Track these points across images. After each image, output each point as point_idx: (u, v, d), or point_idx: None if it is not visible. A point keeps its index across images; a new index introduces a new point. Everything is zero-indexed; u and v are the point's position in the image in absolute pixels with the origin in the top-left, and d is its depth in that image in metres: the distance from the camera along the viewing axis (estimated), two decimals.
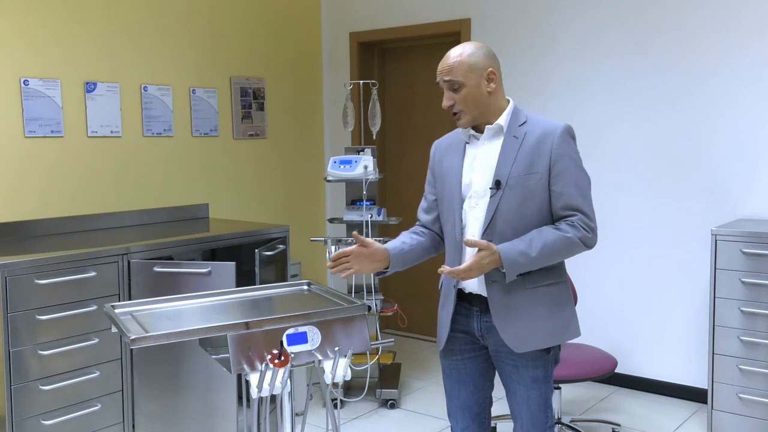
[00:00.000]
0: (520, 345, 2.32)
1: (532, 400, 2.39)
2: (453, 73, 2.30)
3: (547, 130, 2.30)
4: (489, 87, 2.32)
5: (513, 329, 2.32)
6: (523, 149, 2.30)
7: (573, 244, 2.27)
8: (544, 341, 2.34)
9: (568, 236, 2.25)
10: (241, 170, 5.01)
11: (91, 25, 4.12)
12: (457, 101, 2.32)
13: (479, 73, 2.31)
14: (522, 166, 2.28)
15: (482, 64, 2.32)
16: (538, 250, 2.23)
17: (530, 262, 2.24)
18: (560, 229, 2.27)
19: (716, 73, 4.05)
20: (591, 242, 2.30)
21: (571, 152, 2.30)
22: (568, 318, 2.39)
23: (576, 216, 2.27)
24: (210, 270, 3.38)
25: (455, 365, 2.49)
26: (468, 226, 2.36)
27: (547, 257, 2.25)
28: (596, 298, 4.52)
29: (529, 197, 2.28)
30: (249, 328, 2.13)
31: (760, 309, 3.56)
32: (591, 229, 2.29)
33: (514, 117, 2.36)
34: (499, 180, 2.29)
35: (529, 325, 2.32)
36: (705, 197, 4.13)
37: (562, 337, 2.37)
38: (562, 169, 2.27)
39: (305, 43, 5.49)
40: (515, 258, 2.23)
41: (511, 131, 2.33)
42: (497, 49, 4.77)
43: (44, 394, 3.13)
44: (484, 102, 2.33)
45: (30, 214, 3.88)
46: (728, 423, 3.68)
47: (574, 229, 2.26)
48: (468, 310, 2.41)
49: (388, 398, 4.24)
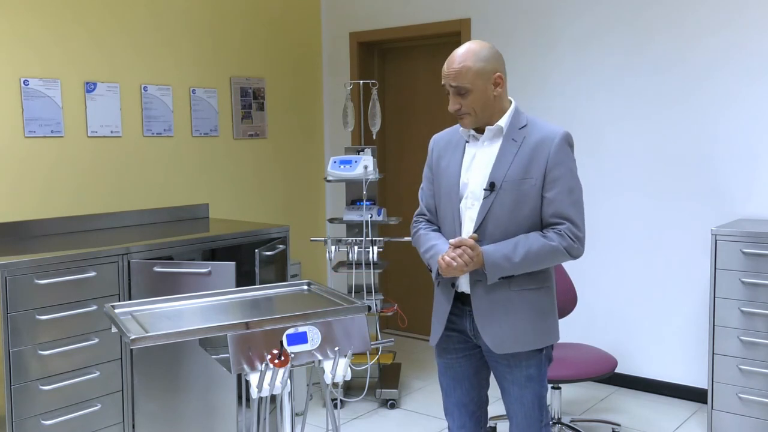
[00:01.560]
0: (499, 346, 2.33)
1: (526, 399, 2.39)
2: (459, 79, 2.29)
3: (545, 136, 2.30)
4: (495, 91, 2.32)
5: (494, 330, 2.33)
6: (521, 153, 2.29)
7: (557, 253, 2.27)
8: (525, 345, 2.34)
9: (553, 245, 2.25)
10: (241, 170, 5.01)
11: (91, 25, 4.11)
12: (464, 106, 2.31)
13: (486, 78, 2.30)
14: (517, 171, 2.28)
15: (489, 69, 2.31)
16: (521, 255, 2.24)
17: (512, 267, 2.25)
18: (547, 237, 2.27)
19: (716, 73, 4.05)
20: (576, 252, 2.29)
21: (567, 160, 2.29)
22: (550, 324, 2.39)
23: (564, 225, 2.27)
24: (210, 270, 3.38)
25: (450, 364, 2.51)
26: (463, 225, 2.36)
27: (530, 263, 2.26)
28: (596, 298, 4.52)
29: (522, 201, 2.28)
30: (249, 328, 2.13)
31: (759, 309, 3.55)
32: (578, 239, 2.27)
33: (515, 119, 2.36)
34: (493, 182, 2.29)
35: (510, 327, 2.32)
36: (705, 197, 4.13)
37: (542, 342, 2.37)
38: (557, 176, 2.27)
39: (305, 43, 5.49)
40: (497, 261, 2.24)
41: (510, 134, 2.33)
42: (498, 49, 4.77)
43: (44, 394, 3.13)
44: (490, 105, 2.33)
45: (30, 214, 3.88)
46: (728, 423, 3.68)
47: (561, 238, 2.26)
48: (461, 310, 2.42)
49: (388, 398, 4.24)
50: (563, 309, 3.71)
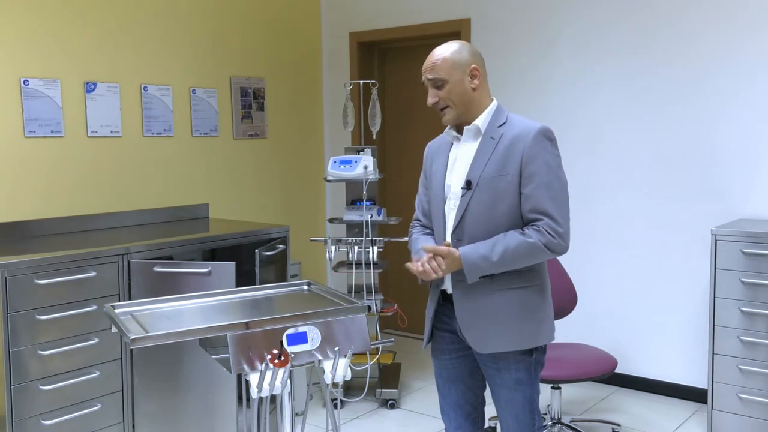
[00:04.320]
0: (482, 345, 2.32)
1: (516, 402, 2.38)
2: (436, 70, 2.32)
3: (521, 131, 2.28)
4: (473, 83, 2.32)
5: (476, 329, 2.33)
6: (497, 151, 2.29)
7: (536, 250, 2.23)
8: (510, 344, 2.32)
9: (530, 241, 2.22)
10: (241, 170, 5.01)
11: (91, 25, 4.11)
12: (441, 98, 2.33)
13: (462, 69, 2.31)
14: (493, 168, 2.28)
15: (465, 61, 2.32)
16: (499, 254, 2.22)
17: (491, 266, 2.24)
18: (525, 234, 2.24)
19: (716, 73, 4.05)
20: (557, 248, 2.24)
21: (544, 154, 2.26)
22: (539, 322, 2.35)
23: (542, 220, 2.24)
24: (210, 270, 3.38)
25: (445, 365, 2.51)
26: (447, 226, 2.37)
27: (509, 262, 2.24)
28: (596, 298, 4.52)
29: (499, 198, 2.27)
30: (249, 328, 2.13)
31: (759, 309, 3.56)
32: (558, 234, 2.23)
33: (495, 117, 2.35)
34: (470, 180, 2.30)
35: (494, 327, 2.31)
36: (705, 197, 4.13)
37: (531, 342, 2.34)
38: (533, 171, 2.25)
39: (305, 43, 5.49)
40: (475, 261, 2.24)
41: (489, 132, 2.33)
42: (498, 49, 4.78)
43: (44, 394, 3.13)
44: (468, 98, 2.33)
45: (30, 214, 3.88)
46: (728, 423, 3.68)
47: (539, 234, 2.23)
48: (451, 311, 2.42)
49: (388, 398, 4.24)
50: (563, 309, 3.71)
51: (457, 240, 2.31)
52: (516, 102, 4.69)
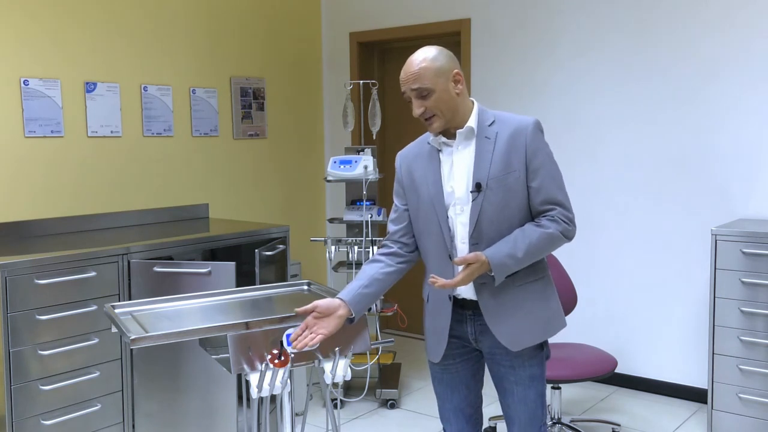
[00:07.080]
0: (515, 343, 2.33)
1: (530, 399, 2.39)
2: (420, 80, 2.26)
3: (518, 127, 2.30)
4: (457, 89, 2.31)
5: (506, 328, 2.33)
6: (498, 149, 2.29)
7: (555, 239, 2.29)
8: (538, 336, 2.35)
9: (549, 232, 2.27)
10: (241, 170, 5.01)
11: (91, 25, 4.12)
12: (429, 107, 2.28)
13: (446, 76, 2.28)
14: (499, 166, 2.28)
15: (447, 67, 2.29)
16: (523, 250, 2.24)
17: (517, 263, 2.26)
18: (541, 225, 2.28)
19: (717, 75, 4.05)
20: (571, 234, 2.33)
21: (543, 146, 2.32)
22: (555, 310, 2.41)
23: (555, 210, 2.29)
24: (210, 270, 3.38)
25: (447, 369, 2.49)
26: (456, 232, 2.35)
27: (532, 255, 2.27)
28: (596, 298, 4.52)
29: (510, 196, 2.29)
30: (249, 328, 2.13)
31: (759, 309, 3.56)
32: (570, 220, 2.31)
33: (482, 117, 2.35)
34: (479, 182, 2.29)
35: (521, 323, 2.33)
36: (705, 197, 4.13)
37: (552, 330, 2.39)
38: (539, 164, 2.29)
39: (305, 43, 5.49)
40: (503, 261, 2.24)
41: (482, 132, 2.33)
42: (498, 50, 4.78)
43: (44, 394, 3.13)
44: (454, 104, 2.31)
45: (30, 214, 3.88)
46: (728, 423, 3.68)
47: (555, 224, 2.28)
48: (461, 315, 2.41)
49: (388, 398, 4.24)
50: (564, 309, 3.71)
51: (474, 243, 2.30)
52: (516, 102, 4.69)
